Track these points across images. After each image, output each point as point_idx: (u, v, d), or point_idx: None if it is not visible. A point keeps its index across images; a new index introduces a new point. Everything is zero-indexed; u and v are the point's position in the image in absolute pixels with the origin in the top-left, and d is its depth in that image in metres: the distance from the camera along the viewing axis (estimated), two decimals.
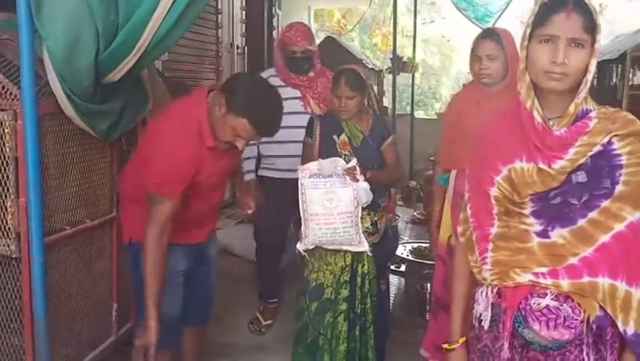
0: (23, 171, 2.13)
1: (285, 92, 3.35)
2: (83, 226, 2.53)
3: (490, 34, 2.65)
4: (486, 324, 1.50)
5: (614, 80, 5.66)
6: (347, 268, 2.81)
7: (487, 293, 1.50)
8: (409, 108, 9.99)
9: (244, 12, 5.85)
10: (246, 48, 5.88)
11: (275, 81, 3.36)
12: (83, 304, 2.59)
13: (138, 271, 2.27)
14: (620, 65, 5.38)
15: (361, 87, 2.81)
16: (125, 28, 2.19)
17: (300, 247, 2.77)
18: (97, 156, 2.60)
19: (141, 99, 2.66)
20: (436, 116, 10.41)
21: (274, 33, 6.59)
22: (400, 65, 8.52)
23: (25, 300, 2.22)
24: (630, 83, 5.28)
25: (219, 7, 5.13)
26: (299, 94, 3.40)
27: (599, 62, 5.32)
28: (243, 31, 5.87)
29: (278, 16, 6.82)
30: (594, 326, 1.40)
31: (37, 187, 2.12)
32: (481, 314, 1.51)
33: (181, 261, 2.36)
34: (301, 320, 2.87)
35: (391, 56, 8.40)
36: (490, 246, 1.49)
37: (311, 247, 2.76)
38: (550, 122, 1.42)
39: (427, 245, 3.95)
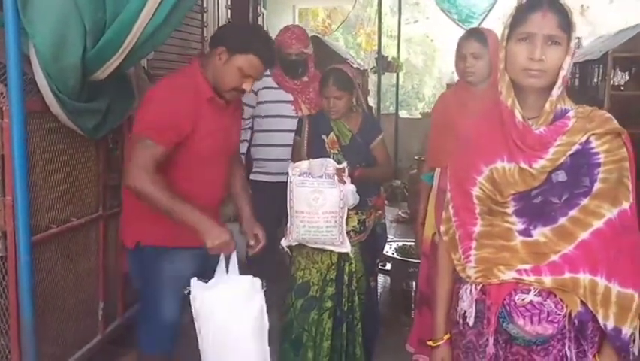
0: (9, 169, 2.12)
1: (278, 94, 3.37)
2: (69, 225, 2.52)
3: (474, 34, 2.71)
4: (471, 321, 1.53)
5: (596, 80, 5.74)
6: (333, 267, 2.83)
7: (471, 290, 1.53)
8: (392, 108, 10.05)
9: (229, 11, 5.84)
10: None
11: (268, 82, 3.38)
12: (70, 302, 2.58)
13: (145, 278, 2.28)
14: (601, 66, 5.47)
15: (349, 87, 2.84)
16: (112, 27, 2.18)
17: (284, 243, 2.80)
18: (83, 154, 2.60)
19: (127, 98, 2.65)
20: (419, 116, 10.48)
21: None
22: (384, 64, 8.57)
23: (12, 299, 2.21)
24: (611, 83, 5.37)
25: (205, 5, 5.11)
26: (291, 98, 3.40)
27: (581, 63, 5.40)
28: None
29: (263, 15, 6.82)
30: (576, 321, 1.43)
31: (24, 185, 2.10)
32: (465, 311, 1.54)
33: (186, 265, 2.26)
34: (286, 316, 2.90)
35: (375, 56, 8.44)
36: (474, 244, 1.52)
37: (294, 244, 2.78)
38: (530, 122, 1.45)
39: (413, 244, 3.99)
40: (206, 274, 2.32)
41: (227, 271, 2.07)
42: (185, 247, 2.22)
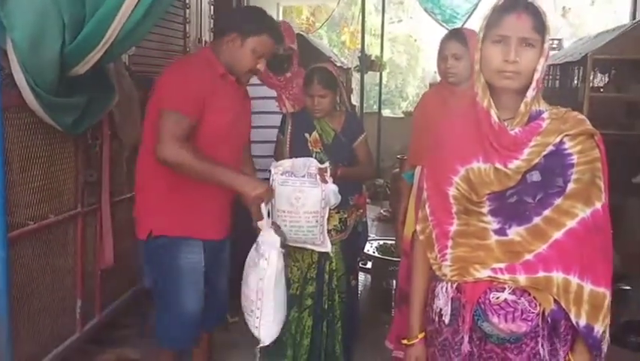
0: None
1: (261, 90, 3.36)
2: (46, 222, 2.50)
3: (456, 35, 2.73)
4: (447, 318, 1.54)
5: (576, 81, 5.80)
6: (314, 265, 2.84)
7: (447, 289, 1.55)
8: (376, 107, 10.07)
9: (212, 7, 5.81)
10: None
11: (255, 91, 3.37)
12: (47, 300, 2.56)
13: (159, 269, 2.29)
14: (581, 68, 5.52)
15: (333, 85, 2.85)
16: (91, 21, 2.17)
17: None
18: (61, 150, 2.57)
19: (107, 93, 2.63)
20: (402, 115, 10.51)
21: None
22: (367, 63, 8.58)
23: None
24: (591, 85, 5.43)
25: (187, 1, 5.08)
26: (274, 94, 3.40)
27: (562, 64, 5.44)
28: (212, 26, 5.83)
29: None
30: (549, 319, 1.45)
31: (0, 181, 2.08)
32: (441, 309, 1.56)
33: (199, 257, 2.32)
34: None
35: (359, 54, 8.45)
36: (450, 243, 1.54)
37: None
38: (505, 123, 1.47)
39: (393, 242, 4.01)
40: (217, 266, 2.43)
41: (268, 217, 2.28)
42: (198, 238, 2.29)
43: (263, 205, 2.21)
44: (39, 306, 2.51)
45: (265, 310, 2.35)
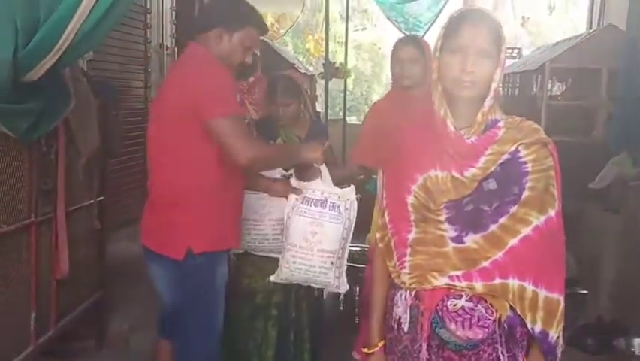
0: None
1: None
2: None
3: (410, 40, 2.88)
4: (405, 326, 1.54)
5: (535, 90, 5.93)
6: None
7: (405, 296, 1.55)
8: (341, 114, 10.10)
9: (174, 12, 5.75)
10: (176, 49, 5.78)
11: None
12: None
13: (198, 289, 2.22)
14: (539, 76, 5.64)
15: (297, 94, 2.85)
16: (45, 25, 2.11)
17: (230, 251, 2.75)
18: (14, 158, 2.48)
19: (63, 99, 2.56)
20: None
21: None
22: (332, 70, 8.60)
23: None
24: (549, 93, 5.56)
25: (149, 7, 5.02)
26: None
27: (521, 73, 5.55)
28: (174, 32, 5.77)
29: None
30: (505, 326, 1.47)
31: None
32: (400, 317, 1.56)
33: (226, 269, 2.32)
34: (231, 324, 2.85)
35: (324, 62, 8.47)
36: (408, 251, 1.54)
37: (240, 252, 2.74)
38: (462, 132, 1.49)
39: (358, 249, 4.02)
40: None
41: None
42: (226, 250, 2.33)
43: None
44: None
45: (344, 259, 2.45)
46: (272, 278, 2.58)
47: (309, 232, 2.36)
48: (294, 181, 2.46)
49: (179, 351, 2.36)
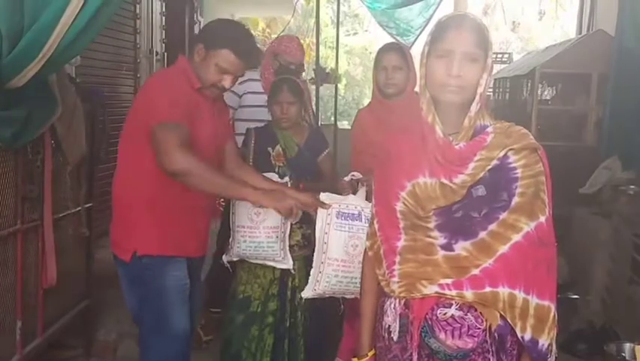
0: None
1: (262, 99, 3.36)
2: None
3: (394, 47, 2.86)
4: (395, 335, 1.52)
5: (525, 94, 5.95)
6: (276, 282, 2.78)
7: (395, 305, 1.53)
8: (333, 119, 10.10)
9: (164, 18, 5.73)
10: (165, 55, 5.75)
11: (255, 87, 3.43)
12: None
13: (145, 290, 2.22)
14: (530, 81, 5.66)
15: (300, 94, 2.87)
16: (30, 31, 2.08)
17: (225, 258, 2.74)
18: (0, 164, 2.45)
19: (49, 106, 2.54)
20: None
21: None
22: (323, 75, 8.60)
23: None
24: (539, 97, 5.59)
25: (138, 12, 4.99)
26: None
27: (511, 78, 5.57)
28: (163, 37, 5.75)
29: (199, 23, 6.73)
30: (496, 335, 1.45)
31: None
32: (390, 326, 1.54)
33: (184, 274, 2.28)
34: (226, 331, 2.84)
35: (314, 67, 8.47)
36: (398, 259, 1.52)
37: (235, 259, 2.73)
38: (450, 138, 1.47)
39: None
40: (192, 284, 2.37)
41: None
42: (182, 256, 2.25)
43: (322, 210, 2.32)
44: None
45: None
46: (304, 294, 2.49)
47: (350, 246, 2.34)
48: (323, 196, 2.42)
49: (140, 352, 2.39)
